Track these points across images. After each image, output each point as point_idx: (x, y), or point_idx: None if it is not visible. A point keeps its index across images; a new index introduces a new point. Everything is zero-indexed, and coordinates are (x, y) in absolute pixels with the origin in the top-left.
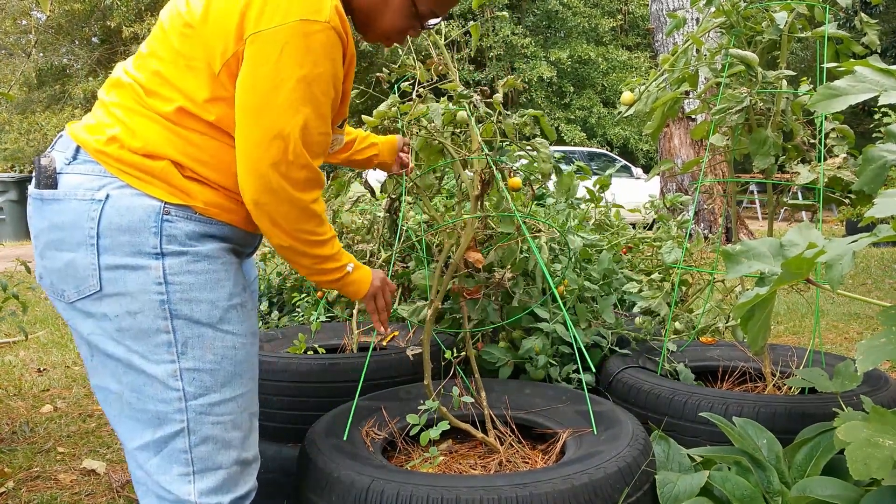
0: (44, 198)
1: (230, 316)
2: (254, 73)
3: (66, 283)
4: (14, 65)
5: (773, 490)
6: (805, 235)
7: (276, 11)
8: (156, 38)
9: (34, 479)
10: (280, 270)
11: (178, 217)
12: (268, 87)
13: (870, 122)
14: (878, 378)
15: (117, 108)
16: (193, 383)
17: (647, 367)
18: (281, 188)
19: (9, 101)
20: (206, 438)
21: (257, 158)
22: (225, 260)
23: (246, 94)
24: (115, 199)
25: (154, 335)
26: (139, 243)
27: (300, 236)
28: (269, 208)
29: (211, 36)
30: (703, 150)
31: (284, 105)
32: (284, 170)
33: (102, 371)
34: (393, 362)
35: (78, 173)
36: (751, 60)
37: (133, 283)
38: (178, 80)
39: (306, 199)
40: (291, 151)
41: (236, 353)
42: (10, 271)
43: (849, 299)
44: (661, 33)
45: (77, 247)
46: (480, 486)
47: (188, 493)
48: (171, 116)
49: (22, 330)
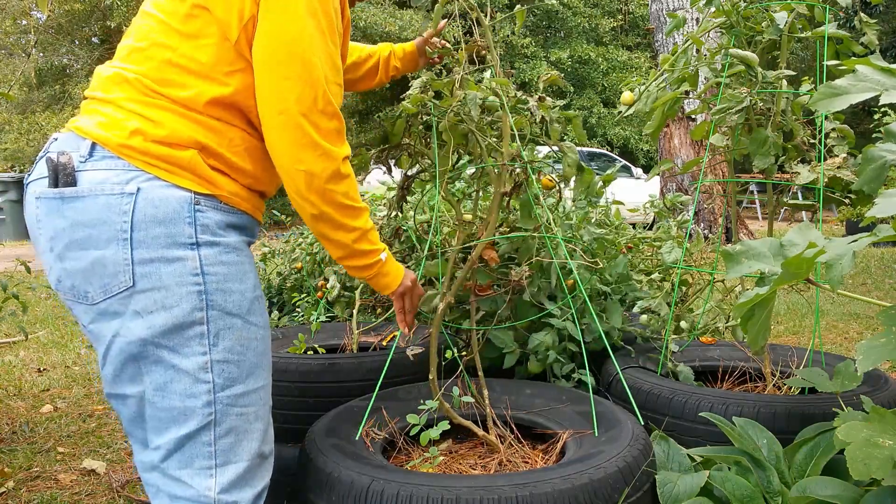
0: (64, 196)
1: (255, 307)
2: (273, 25)
3: (91, 284)
4: (14, 65)
5: (773, 490)
6: (805, 235)
7: None
8: (150, 29)
9: (34, 479)
10: (280, 270)
11: (207, 207)
12: (290, 35)
13: (870, 121)
14: (878, 378)
15: (130, 103)
16: (222, 374)
17: (648, 367)
18: (315, 141)
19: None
20: (230, 430)
21: (289, 109)
22: (247, 253)
23: (269, 45)
24: (146, 192)
25: (188, 328)
26: (175, 234)
27: (335, 198)
28: (308, 163)
29: (223, 7)
30: (703, 150)
31: (308, 50)
32: (316, 119)
33: (122, 374)
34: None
35: (100, 169)
36: (751, 60)
37: (169, 275)
38: (191, 63)
39: (339, 153)
40: (321, 98)
41: (258, 345)
42: (10, 271)
43: (849, 299)
44: (661, 33)
45: (107, 243)
46: (480, 486)
47: (209, 487)
48: (188, 103)
49: (22, 330)
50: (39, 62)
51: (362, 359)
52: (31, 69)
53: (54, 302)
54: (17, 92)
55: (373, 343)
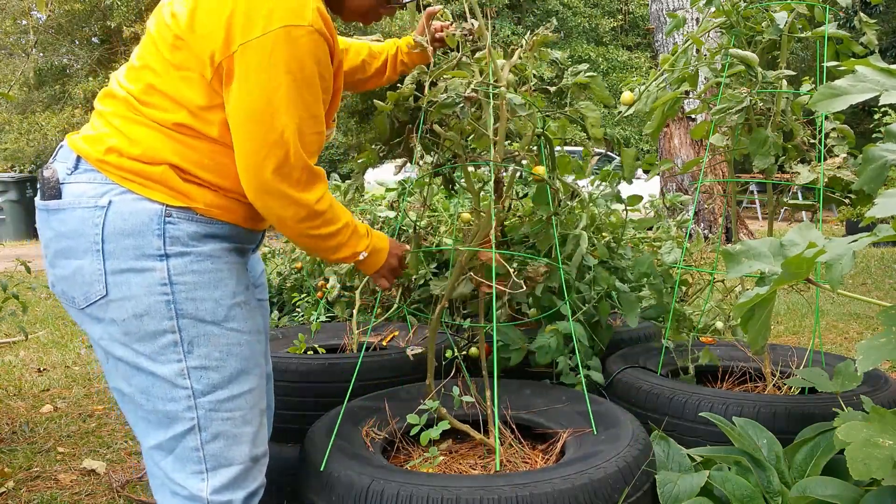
0: (49, 208)
1: (234, 314)
2: (245, 84)
3: (76, 290)
4: (14, 65)
5: (773, 490)
6: (805, 235)
7: (259, 19)
8: (146, 50)
9: (34, 479)
10: (280, 270)
11: (179, 219)
12: (260, 96)
13: (870, 122)
14: (878, 378)
15: (114, 118)
16: (201, 381)
17: (648, 367)
18: (284, 192)
19: (9, 101)
20: (217, 435)
21: (258, 165)
22: (227, 259)
23: (240, 104)
24: (117, 205)
25: (160, 336)
26: (143, 246)
27: (309, 232)
28: (276, 211)
29: (199, 45)
30: (703, 150)
31: (279, 111)
32: (286, 172)
33: (115, 374)
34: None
35: (80, 182)
36: (751, 60)
37: (138, 285)
38: (174, 91)
39: (311, 199)
40: (292, 155)
41: (241, 350)
42: (10, 271)
43: (849, 299)
44: (661, 33)
45: (84, 254)
46: (480, 486)
47: (201, 489)
48: (168, 124)
49: (22, 330)
50: (39, 62)
51: (363, 359)
52: (30, 69)
53: (54, 302)
54: (17, 92)
55: (373, 343)
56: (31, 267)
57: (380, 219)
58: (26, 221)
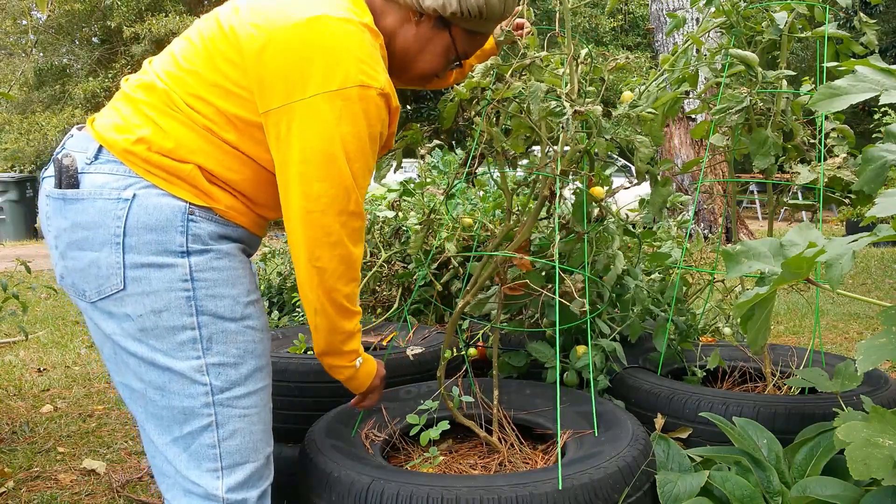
0: (66, 197)
1: (250, 311)
2: (314, 130)
3: (88, 283)
4: (14, 65)
5: (773, 490)
6: (805, 235)
7: (337, 73)
8: (197, 55)
9: (34, 479)
10: (280, 270)
11: (201, 217)
12: (328, 143)
13: (870, 121)
14: (878, 378)
15: (149, 109)
16: (220, 377)
17: (648, 367)
18: (340, 240)
19: (9, 101)
20: (235, 432)
21: (320, 209)
22: (241, 259)
23: (306, 149)
24: (141, 199)
25: (179, 332)
26: (165, 242)
27: (337, 298)
28: (323, 262)
29: (266, 79)
30: (703, 150)
31: (347, 159)
32: (346, 219)
33: (125, 370)
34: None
35: (102, 173)
36: (751, 60)
37: (159, 281)
38: (222, 104)
39: (356, 254)
40: (353, 201)
41: (256, 347)
42: (10, 271)
43: (849, 299)
44: (661, 33)
45: (101, 246)
46: (480, 486)
47: (216, 487)
48: (207, 126)
49: (22, 330)
50: (39, 62)
51: None
52: (30, 69)
53: (54, 302)
54: (17, 92)
55: (372, 343)
56: (31, 267)
57: (380, 219)
58: (26, 221)
